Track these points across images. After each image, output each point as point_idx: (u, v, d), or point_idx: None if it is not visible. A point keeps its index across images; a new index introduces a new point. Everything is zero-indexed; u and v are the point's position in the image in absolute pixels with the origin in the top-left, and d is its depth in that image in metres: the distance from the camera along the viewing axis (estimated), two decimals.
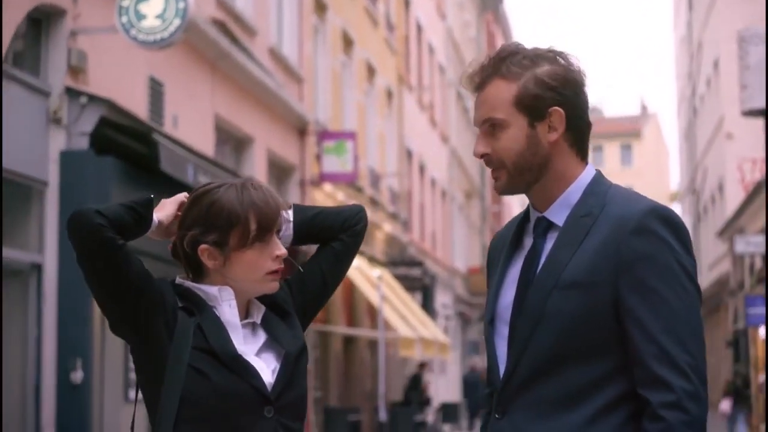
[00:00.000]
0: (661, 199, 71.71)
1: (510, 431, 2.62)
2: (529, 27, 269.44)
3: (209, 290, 2.76)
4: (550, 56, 2.68)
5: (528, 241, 2.73)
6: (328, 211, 3.02)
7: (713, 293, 37.92)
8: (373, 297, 21.74)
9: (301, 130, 20.32)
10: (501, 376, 2.66)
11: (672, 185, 79.80)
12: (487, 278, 2.87)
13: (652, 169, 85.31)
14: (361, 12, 25.64)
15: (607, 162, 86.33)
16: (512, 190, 2.70)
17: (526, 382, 2.60)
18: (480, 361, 35.37)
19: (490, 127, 2.66)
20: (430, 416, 24.07)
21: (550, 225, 2.69)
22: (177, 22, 11.18)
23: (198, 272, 2.79)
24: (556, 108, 2.64)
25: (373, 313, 23.35)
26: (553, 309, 2.57)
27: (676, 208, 67.04)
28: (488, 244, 3.25)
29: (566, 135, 2.66)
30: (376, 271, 23.12)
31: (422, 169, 34.16)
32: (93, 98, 11.38)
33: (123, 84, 12.53)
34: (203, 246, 2.73)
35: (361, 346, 25.24)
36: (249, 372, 2.68)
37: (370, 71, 26.77)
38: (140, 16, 11.21)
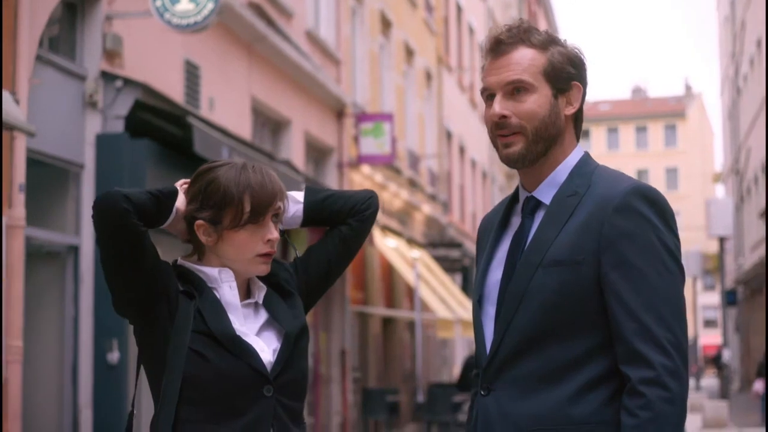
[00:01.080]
0: (706, 180, 70.84)
1: (494, 408, 2.65)
2: (571, 7, 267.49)
3: (210, 272, 2.81)
4: (562, 41, 2.77)
5: (516, 221, 2.77)
6: (338, 195, 3.06)
7: (756, 274, 37.64)
8: (411, 278, 21.79)
9: (338, 112, 20.38)
10: (486, 352, 2.68)
11: (717, 166, 79.20)
12: (476, 259, 2.91)
13: (696, 150, 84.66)
14: None
15: (652, 142, 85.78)
16: (524, 159, 2.70)
17: (510, 359, 2.63)
18: None
19: (514, 90, 2.69)
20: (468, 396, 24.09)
21: (537, 204, 2.72)
22: (210, 5, 11.26)
23: (199, 249, 2.86)
24: (576, 83, 2.73)
25: (411, 294, 23.39)
26: (537, 286, 2.61)
27: (719, 189, 66.56)
28: None
29: (576, 113, 2.76)
30: (415, 253, 23.16)
31: (462, 151, 34.11)
32: (128, 82, 11.50)
33: (158, 67, 12.64)
34: (199, 221, 2.80)
35: (400, 328, 25.31)
36: (248, 352, 2.73)
37: (409, 53, 26.76)
38: (174, 0, 11.30)
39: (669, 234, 2.60)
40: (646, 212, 2.58)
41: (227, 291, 2.81)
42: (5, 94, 9.41)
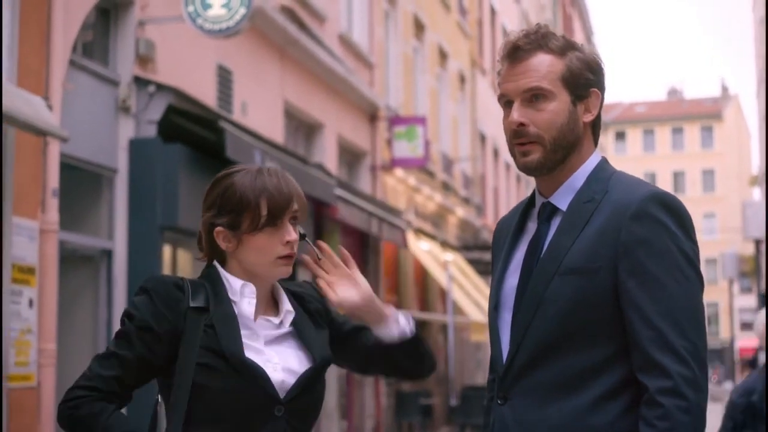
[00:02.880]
0: (742, 182, 70.10)
1: (511, 417, 2.63)
2: (606, 8, 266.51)
3: (234, 284, 2.82)
4: (579, 45, 2.73)
5: (532, 227, 2.75)
6: (426, 347, 2.97)
7: None
8: (445, 281, 21.78)
9: (371, 115, 20.40)
10: (502, 360, 2.67)
11: (754, 168, 78.66)
12: (492, 264, 2.89)
13: (733, 152, 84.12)
14: None
15: (688, 144, 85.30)
16: (542, 168, 2.67)
17: (527, 368, 2.61)
18: None
19: (532, 97, 2.65)
20: None
21: (554, 210, 2.70)
22: (242, 11, 11.32)
23: (221, 257, 2.86)
24: (595, 90, 2.70)
25: (445, 297, 23.38)
26: (554, 294, 2.58)
27: (756, 192, 66.09)
28: None
29: (594, 120, 2.73)
30: (448, 255, 23.16)
31: (496, 153, 34.07)
32: (161, 87, 11.57)
33: (191, 72, 12.70)
34: (218, 228, 2.81)
35: (434, 331, 25.30)
36: (257, 374, 2.72)
37: (443, 55, 26.76)
38: (206, 6, 11.36)
39: (687, 241, 2.56)
40: (664, 219, 2.55)
41: (245, 306, 2.81)
42: (39, 99, 9.49)
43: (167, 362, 2.74)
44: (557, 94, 2.64)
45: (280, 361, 2.78)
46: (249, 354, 2.74)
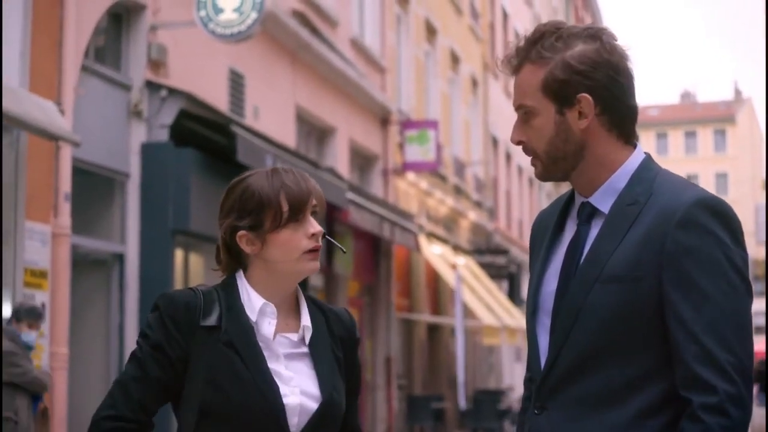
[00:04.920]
0: (755, 186, 69.86)
1: (548, 429, 2.53)
2: (619, 11, 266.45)
3: (255, 302, 2.78)
4: (586, 35, 2.55)
5: (571, 227, 2.62)
6: None
7: None
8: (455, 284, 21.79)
9: (383, 119, 20.42)
10: (542, 368, 2.56)
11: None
12: (530, 261, 2.79)
13: (746, 155, 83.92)
14: (444, 1, 25.64)
15: (701, 148, 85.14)
16: (550, 178, 2.60)
17: (566, 378, 2.50)
18: None
19: (524, 114, 2.57)
20: (514, 403, 24.01)
21: (594, 211, 2.56)
22: (254, 15, 11.35)
23: (243, 264, 2.82)
24: (584, 95, 2.50)
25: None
26: (595, 303, 2.46)
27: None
28: None
29: (602, 119, 2.53)
30: (460, 259, 23.14)
31: (508, 157, 34.04)
32: (173, 91, 11.60)
33: (203, 77, 12.73)
34: (241, 232, 2.76)
35: (446, 334, 25.29)
36: (276, 400, 2.70)
37: (455, 59, 26.76)
38: (218, 10, 11.40)
39: (736, 249, 2.43)
40: (712, 226, 2.41)
41: (265, 326, 2.77)
42: (51, 104, 9.53)
43: (180, 384, 2.73)
44: (540, 108, 2.53)
45: (298, 384, 2.75)
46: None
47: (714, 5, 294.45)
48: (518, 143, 2.58)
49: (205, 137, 11.88)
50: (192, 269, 12.29)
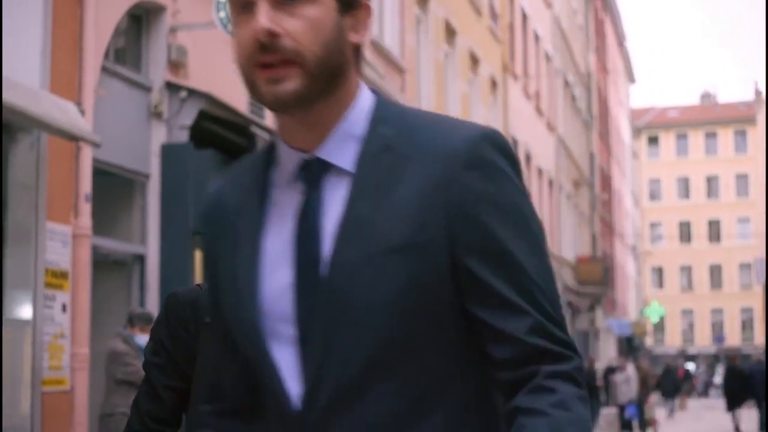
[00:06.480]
0: None
1: None
2: (639, 13, 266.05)
3: None
4: None
5: (285, 197, 1.88)
6: None
7: None
8: None
9: None
10: (291, 400, 1.81)
11: None
12: (208, 260, 1.98)
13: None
14: (464, 2, 25.64)
15: (721, 149, 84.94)
16: (300, 101, 1.79)
17: (341, 401, 1.78)
18: (591, 356, 34.94)
19: None
20: None
21: (324, 168, 1.84)
22: None
23: None
24: (366, 3, 1.87)
25: None
26: (364, 288, 1.77)
27: None
28: (598, 232, 2.38)
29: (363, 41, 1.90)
30: None
31: (528, 158, 34.02)
32: (193, 92, 11.63)
33: (223, 78, 12.75)
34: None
35: None
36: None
37: (474, 61, 26.76)
38: None
39: (525, 190, 1.89)
40: (503, 166, 1.83)
41: None
42: (71, 105, 9.56)
43: (188, 383, 2.77)
44: None
45: None
46: None
47: (733, 6, 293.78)
48: (269, 36, 1.75)
49: (224, 138, 11.90)
50: None
